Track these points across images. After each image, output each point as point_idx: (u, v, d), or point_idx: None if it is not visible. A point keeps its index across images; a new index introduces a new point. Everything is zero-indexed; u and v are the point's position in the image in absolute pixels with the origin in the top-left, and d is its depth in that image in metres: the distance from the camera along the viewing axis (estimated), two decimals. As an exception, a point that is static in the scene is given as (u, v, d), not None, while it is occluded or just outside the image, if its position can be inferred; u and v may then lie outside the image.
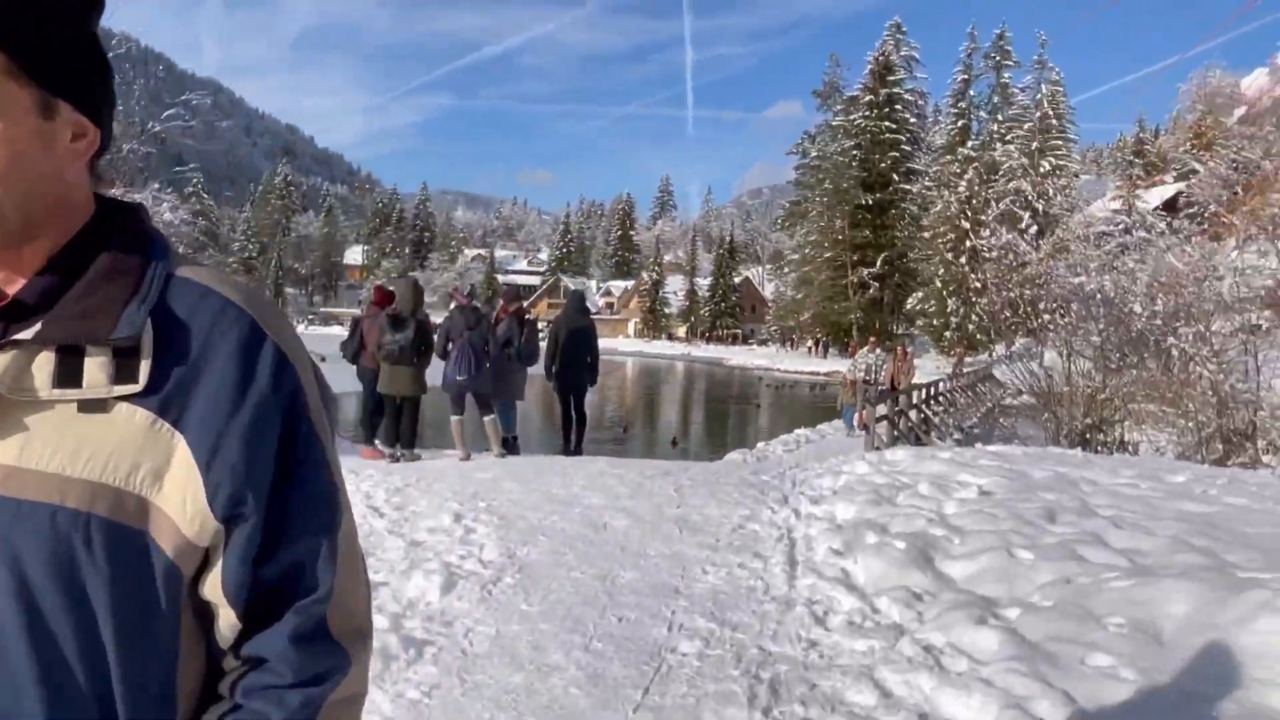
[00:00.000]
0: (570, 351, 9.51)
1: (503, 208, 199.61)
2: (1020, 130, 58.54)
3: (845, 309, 65.23)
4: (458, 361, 8.12)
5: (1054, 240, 53.86)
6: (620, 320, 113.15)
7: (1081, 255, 30.45)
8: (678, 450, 20.40)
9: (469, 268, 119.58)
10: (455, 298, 8.59)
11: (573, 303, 9.89)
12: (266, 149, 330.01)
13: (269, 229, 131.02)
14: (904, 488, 6.12)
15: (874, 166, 66.37)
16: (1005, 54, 67.86)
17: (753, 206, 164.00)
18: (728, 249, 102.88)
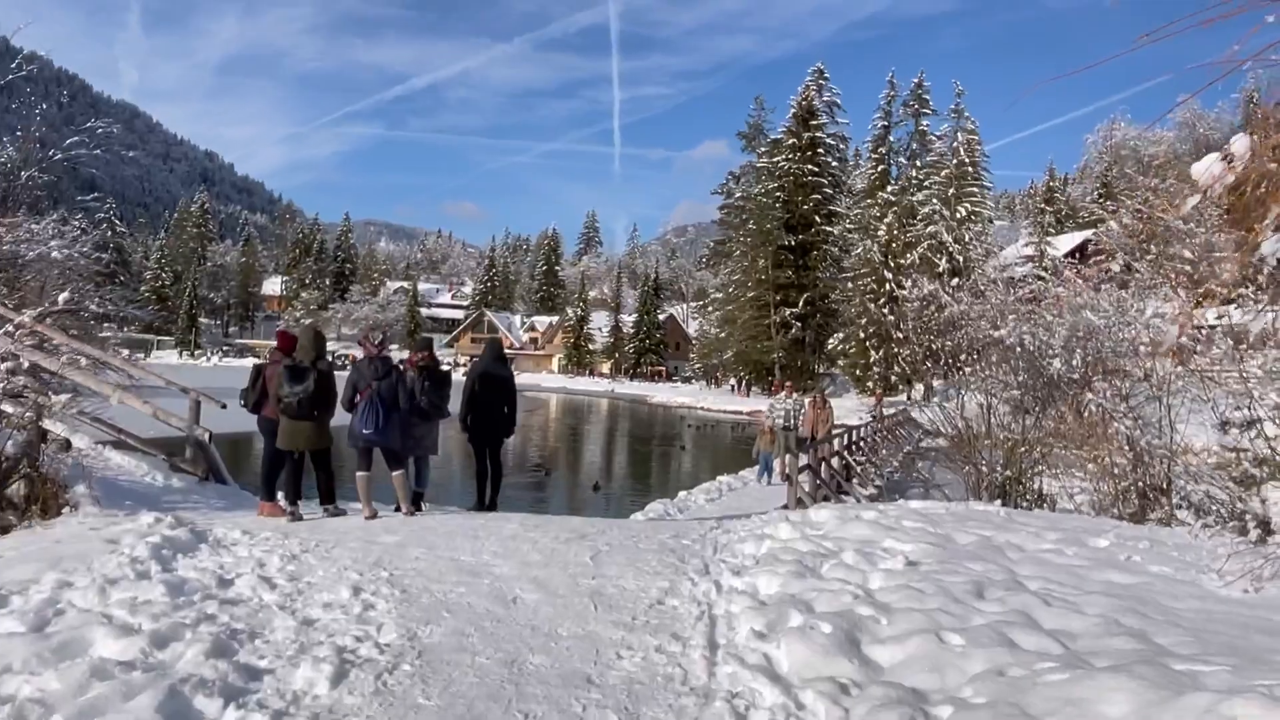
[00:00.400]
0: (486, 402, 9.17)
1: (427, 240, 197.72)
2: (937, 176, 60.02)
3: (768, 348, 65.84)
4: (364, 414, 7.73)
5: (969, 285, 55.25)
6: (544, 356, 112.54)
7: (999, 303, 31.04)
8: (599, 495, 20.07)
9: (391, 300, 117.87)
10: (364, 347, 8.19)
11: (489, 350, 9.54)
12: (184, 175, 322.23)
13: (184, 258, 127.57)
14: (829, 555, 5.90)
15: (797, 208, 67.42)
16: (923, 102, 69.66)
17: (678, 244, 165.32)
18: (653, 286, 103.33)
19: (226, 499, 9.31)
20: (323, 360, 7.86)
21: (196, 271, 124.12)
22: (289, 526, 7.37)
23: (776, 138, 70.77)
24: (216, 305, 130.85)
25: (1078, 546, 6.50)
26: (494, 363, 9.36)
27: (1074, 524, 8.05)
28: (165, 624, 4.65)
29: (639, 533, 7.12)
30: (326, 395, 7.74)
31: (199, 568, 5.79)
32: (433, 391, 8.69)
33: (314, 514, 8.48)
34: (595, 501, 19.17)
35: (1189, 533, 7.86)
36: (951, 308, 41.02)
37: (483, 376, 9.20)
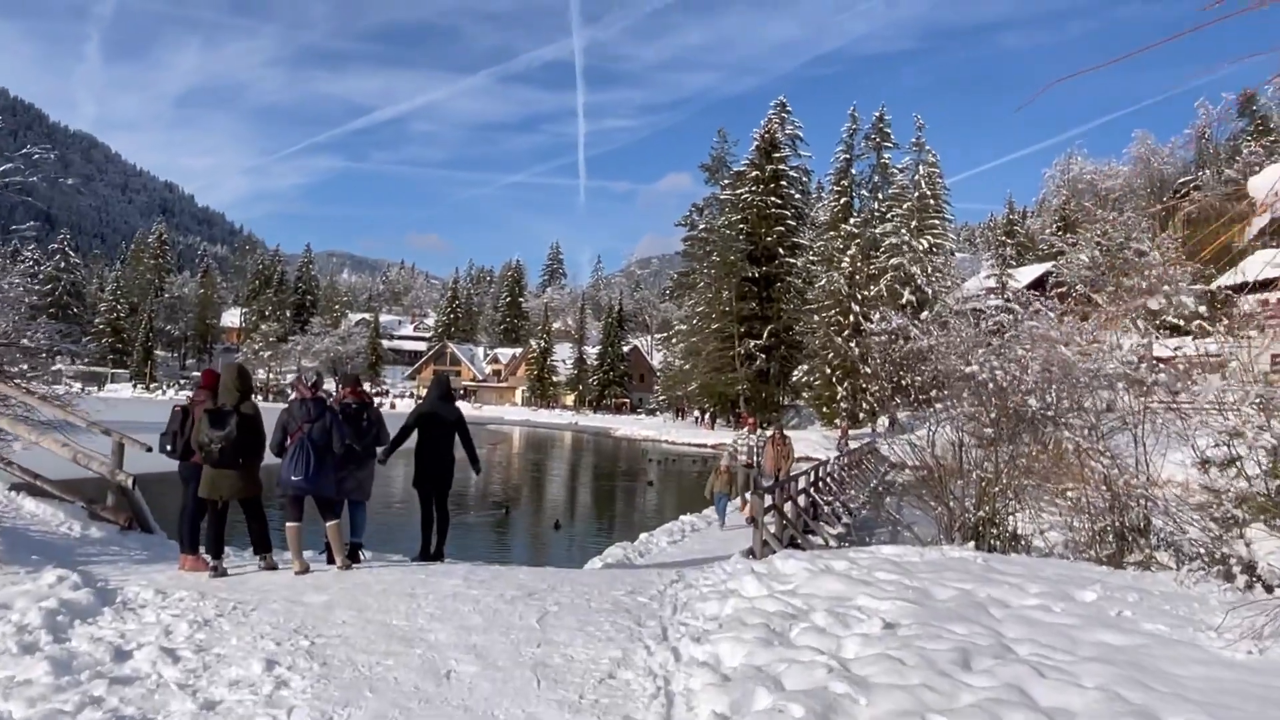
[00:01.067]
0: (431, 444, 8.58)
1: (390, 271, 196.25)
2: (900, 209, 60.33)
3: (732, 380, 65.51)
4: (294, 460, 7.15)
5: (935, 318, 55.40)
6: (508, 388, 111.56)
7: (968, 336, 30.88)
8: (560, 534, 19.44)
9: (352, 332, 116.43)
10: (298, 389, 7.62)
11: (435, 388, 8.91)
12: (143, 206, 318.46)
13: (140, 289, 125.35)
14: (798, 617, 5.38)
15: (760, 240, 67.44)
16: (885, 135, 70.21)
17: (642, 276, 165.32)
18: (617, 318, 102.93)
19: (150, 550, 8.62)
20: (248, 402, 7.24)
21: (153, 303, 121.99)
22: (209, 584, 6.72)
23: (740, 170, 70.92)
24: (174, 337, 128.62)
25: (1064, 601, 6.03)
26: (439, 401, 8.76)
27: (1055, 571, 7.61)
28: (40, 712, 4.04)
29: (592, 588, 6.55)
30: (252, 440, 7.12)
31: (96, 637, 5.14)
32: (364, 431, 8.13)
33: (246, 563, 7.85)
34: (556, 541, 18.54)
35: (1175, 579, 7.45)
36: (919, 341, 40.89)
37: (427, 417, 8.64)
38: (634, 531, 20.49)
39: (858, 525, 17.46)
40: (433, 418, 8.58)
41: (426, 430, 8.58)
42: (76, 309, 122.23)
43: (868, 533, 17.29)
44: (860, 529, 17.03)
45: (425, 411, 8.64)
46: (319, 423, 7.31)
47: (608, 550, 11.88)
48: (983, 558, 8.04)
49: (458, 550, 16.30)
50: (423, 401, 8.97)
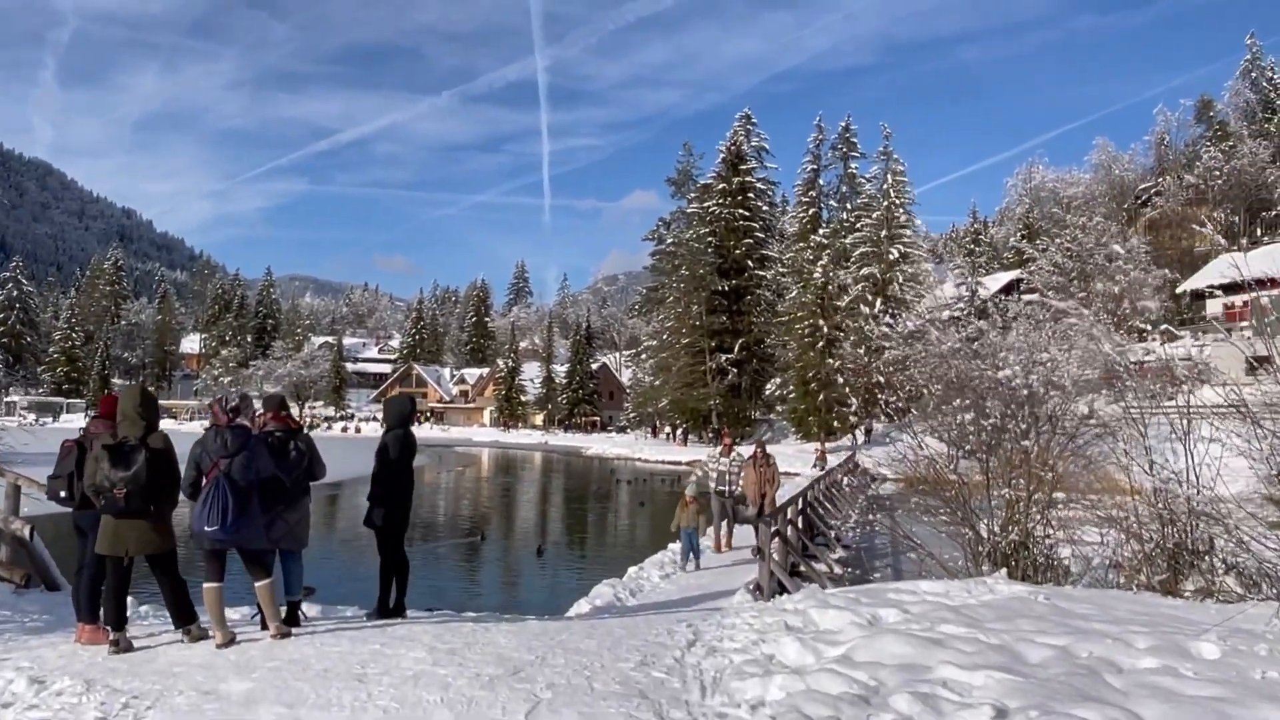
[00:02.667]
0: (387, 479, 7.25)
1: (353, 294, 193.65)
2: (869, 218, 59.71)
3: (704, 395, 64.40)
4: (209, 504, 5.75)
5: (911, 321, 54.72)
6: (475, 409, 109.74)
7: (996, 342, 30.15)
8: (539, 562, 18.09)
9: (315, 355, 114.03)
10: (214, 414, 6.26)
11: (392, 411, 7.56)
12: (100, 234, 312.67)
13: (96, 317, 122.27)
14: (871, 700, 4.11)
15: (729, 253, 66.55)
16: (851, 145, 69.83)
17: (609, 293, 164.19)
18: (584, 335, 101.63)
19: (52, 613, 7.20)
20: (157, 434, 5.88)
21: (109, 331, 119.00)
22: (104, 664, 5.33)
23: (707, 182, 70.12)
24: (131, 365, 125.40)
25: (1184, 658, 4.81)
26: (395, 430, 7.44)
27: (1129, 610, 6.40)
28: None
29: (592, 659, 5.21)
30: (163, 481, 5.78)
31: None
32: (292, 464, 6.76)
33: (161, 628, 6.47)
34: (534, 572, 17.17)
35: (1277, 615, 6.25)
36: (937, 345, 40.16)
37: (380, 449, 7.35)
38: (615, 558, 19.17)
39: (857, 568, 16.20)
40: (384, 449, 7.34)
41: (380, 465, 7.28)
42: (30, 338, 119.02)
43: (870, 555, 16.09)
44: (861, 552, 15.81)
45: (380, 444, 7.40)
46: (239, 457, 5.98)
47: (595, 590, 10.53)
48: (1042, 595, 6.83)
49: (426, 586, 14.88)
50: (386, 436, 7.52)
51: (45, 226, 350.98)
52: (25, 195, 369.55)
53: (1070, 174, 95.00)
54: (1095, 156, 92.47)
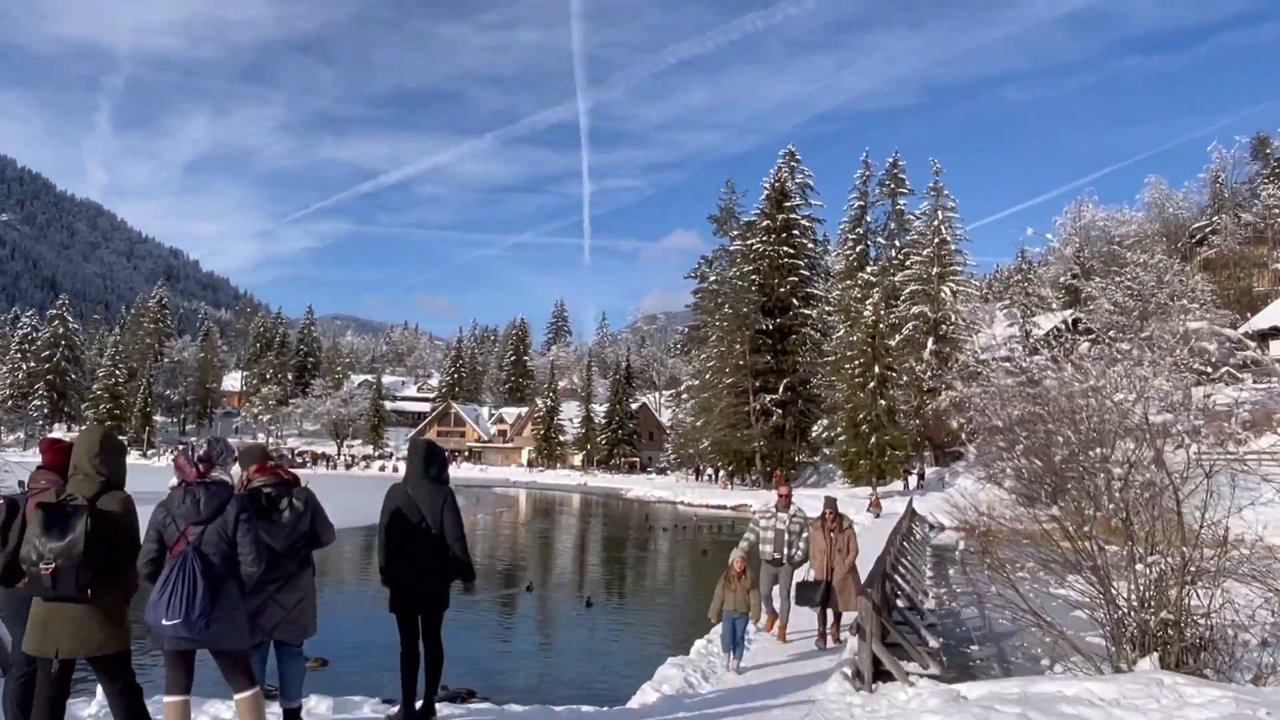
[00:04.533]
0: (414, 539, 5.80)
1: (393, 332, 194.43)
2: (919, 255, 58.12)
3: (748, 436, 62.67)
4: (171, 589, 4.31)
5: (962, 364, 52.90)
6: (513, 448, 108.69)
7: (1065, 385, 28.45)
8: (590, 617, 16.69)
9: (354, 394, 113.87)
10: (178, 467, 4.73)
11: (418, 457, 6.09)
12: (148, 273, 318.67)
13: (139, 354, 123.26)
14: None
15: (773, 291, 65.13)
16: (899, 181, 68.44)
17: (648, 332, 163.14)
18: (624, 375, 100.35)
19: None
20: (113, 492, 4.53)
21: (152, 368, 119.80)
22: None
23: (750, 220, 68.92)
24: (173, 402, 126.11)
25: None
26: (422, 480, 5.97)
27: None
28: None
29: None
30: (109, 556, 4.41)
31: None
32: (290, 530, 5.31)
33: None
34: (585, 630, 15.68)
35: None
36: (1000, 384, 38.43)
37: (409, 499, 5.90)
38: (670, 615, 17.65)
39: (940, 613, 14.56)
40: (412, 504, 5.86)
41: (404, 520, 5.84)
42: (74, 375, 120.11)
43: (952, 618, 14.42)
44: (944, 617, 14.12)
45: (402, 492, 5.94)
46: (214, 524, 4.55)
47: (660, 672, 9.05)
48: (1262, 709, 5.29)
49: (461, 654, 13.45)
50: (398, 484, 6.11)
51: (94, 266, 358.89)
52: (76, 235, 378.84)
53: (1122, 212, 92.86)
54: (1147, 194, 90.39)
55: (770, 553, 11.03)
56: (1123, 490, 10.08)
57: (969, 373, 49.29)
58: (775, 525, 11.14)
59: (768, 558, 11.04)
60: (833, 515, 11.15)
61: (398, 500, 5.90)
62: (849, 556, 10.88)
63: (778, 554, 11.03)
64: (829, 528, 11.05)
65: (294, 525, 5.33)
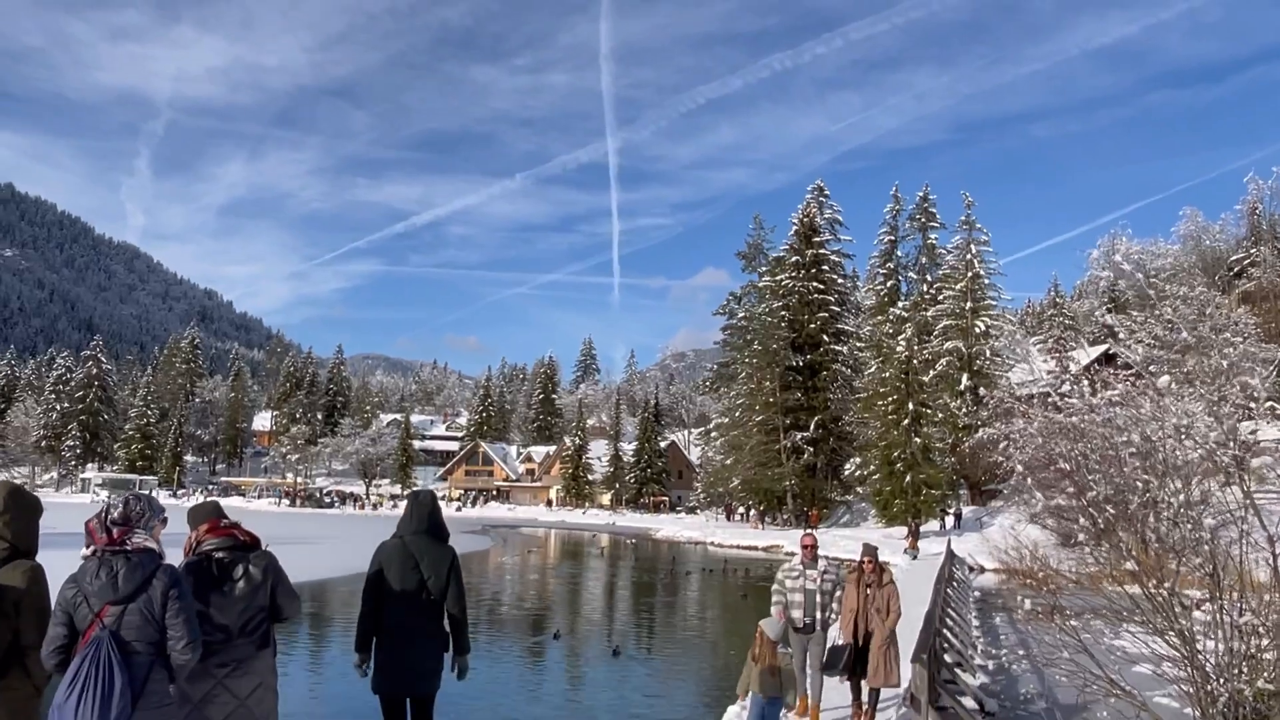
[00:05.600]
0: (413, 607, 5.10)
1: (421, 371, 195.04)
2: (951, 290, 57.19)
3: (779, 475, 61.63)
4: (82, 686, 3.54)
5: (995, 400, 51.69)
6: (542, 487, 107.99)
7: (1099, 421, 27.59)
8: (620, 663, 15.93)
9: (383, 433, 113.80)
10: (89, 533, 3.88)
11: (416, 513, 5.38)
12: (183, 314, 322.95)
13: (171, 394, 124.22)
14: None
15: (803, 327, 64.42)
16: (930, 215, 67.69)
17: (677, 370, 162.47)
18: (653, 412, 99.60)
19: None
20: (18, 564, 3.87)
21: (183, 408, 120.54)
22: None
23: (779, 255, 68.43)
24: (204, 442, 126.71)
25: None
26: (422, 536, 5.29)
27: None
28: None
29: None
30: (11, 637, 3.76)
31: None
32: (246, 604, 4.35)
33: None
34: (613, 679, 14.89)
35: None
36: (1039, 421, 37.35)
37: (404, 560, 5.17)
38: (701, 665, 16.82)
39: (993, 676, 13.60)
40: (405, 566, 5.13)
41: (397, 585, 5.11)
42: (107, 415, 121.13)
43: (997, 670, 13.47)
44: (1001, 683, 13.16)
45: (395, 552, 5.19)
46: (137, 602, 3.76)
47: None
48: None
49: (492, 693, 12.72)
50: (396, 533, 5.38)
51: (131, 308, 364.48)
52: (113, 278, 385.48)
53: (1157, 245, 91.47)
54: (1183, 227, 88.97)
55: (799, 618, 9.16)
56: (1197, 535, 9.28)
57: (1005, 409, 48.15)
58: (804, 585, 9.25)
59: (796, 624, 9.18)
60: (872, 566, 9.32)
61: (393, 558, 5.16)
62: (889, 619, 9.03)
63: (808, 619, 9.17)
64: (865, 581, 9.26)
65: (250, 597, 4.37)
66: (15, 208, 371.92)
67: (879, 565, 9.42)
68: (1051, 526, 37.55)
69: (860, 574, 9.33)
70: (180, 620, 3.80)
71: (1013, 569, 32.88)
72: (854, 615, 9.17)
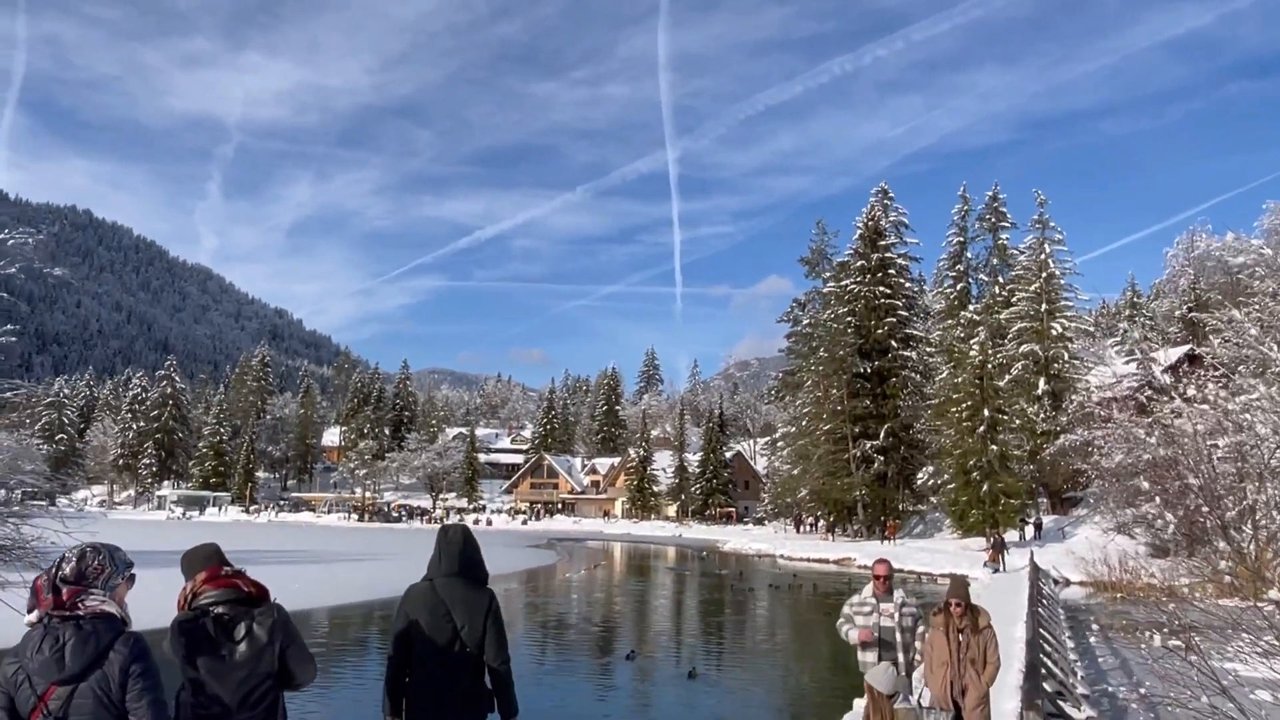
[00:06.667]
0: (447, 662, 4.33)
1: (486, 384, 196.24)
2: (1025, 291, 55.27)
3: (848, 485, 60.16)
4: None
5: (1075, 405, 49.71)
6: (607, 499, 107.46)
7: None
8: (698, 686, 15.12)
9: (449, 446, 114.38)
10: (35, 593, 3.13)
11: (446, 553, 4.59)
12: (254, 333, 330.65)
13: (243, 411, 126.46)
14: None
15: (870, 333, 62.89)
16: (1001, 215, 65.71)
17: (741, 379, 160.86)
18: (717, 423, 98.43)
19: None
20: None
21: (255, 425, 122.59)
22: None
23: (844, 260, 66.96)
24: (275, 458, 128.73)
25: None
26: (456, 579, 4.53)
27: None
28: None
29: None
30: None
31: None
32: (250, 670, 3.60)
33: None
34: (691, 705, 14.02)
35: None
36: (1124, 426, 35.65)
37: (433, 612, 4.40)
38: (777, 684, 15.88)
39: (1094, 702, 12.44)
40: (437, 617, 4.36)
41: (429, 640, 4.35)
42: (181, 434, 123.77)
43: (1102, 698, 12.29)
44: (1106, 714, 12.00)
45: (425, 598, 4.43)
46: (90, 681, 3.06)
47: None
48: None
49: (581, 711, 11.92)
50: (428, 577, 4.59)
51: (205, 328, 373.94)
52: (187, 299, 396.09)
53: (1240, 240, 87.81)
54: (1267, 221, 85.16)
55: (871, 663, 7.63)
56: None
57: (1086, 413, 46.24)
58: (881, 623, 7.65)
59: (881, 675, 7.52)
60: (961, 608, 7.48)
61: (422, 607, 4.41)
62: (986, 673, 7.32)
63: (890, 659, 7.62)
64: (956, 626, 7.43)
65: (254, 662, 3.63)
66: (94, 233, 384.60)
67: (971, 607, 7.60)
68: (1141, 536, 35.78)
69: (948, 618, 7.50)
70: (144, 704, 3.09)
71: (1101, 581, 31.41)
72: (947, 671, 7.35)
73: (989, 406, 47.33)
